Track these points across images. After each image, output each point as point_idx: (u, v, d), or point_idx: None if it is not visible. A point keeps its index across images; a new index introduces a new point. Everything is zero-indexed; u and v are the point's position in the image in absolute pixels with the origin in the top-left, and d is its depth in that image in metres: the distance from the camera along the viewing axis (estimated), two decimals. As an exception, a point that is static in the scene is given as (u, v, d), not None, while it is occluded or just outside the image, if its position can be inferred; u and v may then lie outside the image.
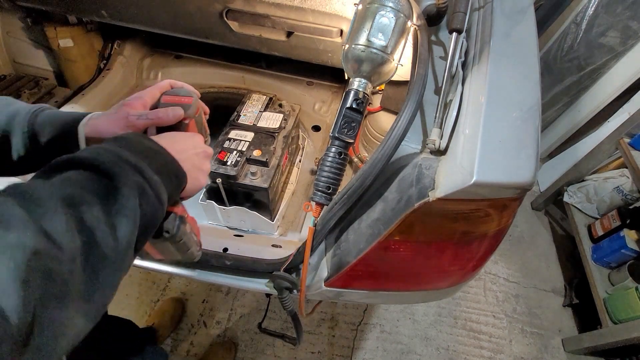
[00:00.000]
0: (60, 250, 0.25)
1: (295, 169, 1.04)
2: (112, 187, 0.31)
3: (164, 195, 0.37)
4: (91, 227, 0.28)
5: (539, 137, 0.49)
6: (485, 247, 0.58)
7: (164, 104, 0.48)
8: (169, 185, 0.38)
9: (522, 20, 0.63)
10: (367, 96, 0.56)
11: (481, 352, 1.36)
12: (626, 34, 1.44)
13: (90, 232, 0.28)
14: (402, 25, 0.54)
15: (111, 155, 0.33)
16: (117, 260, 0.30)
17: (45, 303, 0.23)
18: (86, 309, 0.27)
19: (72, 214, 0.27)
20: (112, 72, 1.17)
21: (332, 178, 0.56)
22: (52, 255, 0.24)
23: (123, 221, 0.30)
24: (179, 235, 0.44)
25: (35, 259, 0.23)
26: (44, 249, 0.24)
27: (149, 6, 0.89)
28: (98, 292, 0.28)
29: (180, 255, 0.50)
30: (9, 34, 1.07)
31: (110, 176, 0.31)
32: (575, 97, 1.69)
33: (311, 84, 1.26)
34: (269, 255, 0.66)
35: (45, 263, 0.24)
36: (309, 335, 1.32)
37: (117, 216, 0.30)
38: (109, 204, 0.30)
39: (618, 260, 1.35)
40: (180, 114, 0.46)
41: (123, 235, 0.30)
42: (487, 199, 0.49)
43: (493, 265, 1.61)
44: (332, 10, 0.80)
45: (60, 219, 0.26)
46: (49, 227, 0.25)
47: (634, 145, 1.33)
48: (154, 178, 0.35)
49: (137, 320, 1.28)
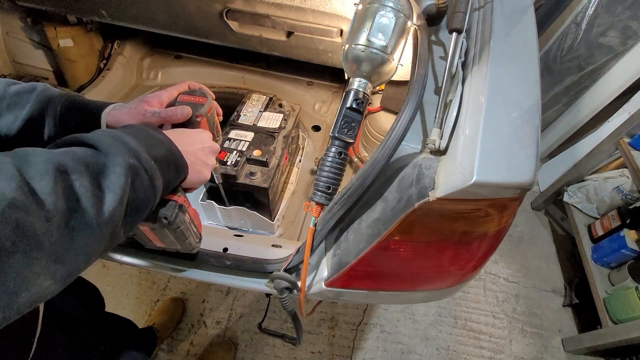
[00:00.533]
0: (41, 208, 0.27)
1: (295, 169, 1.04)
2: (106, 164, 0.33)
3: (158, 181, 0.39)
4: (77, 194, 0.30)
5: (539, 137, 0.49)
6: (485, 247, 0.57)
7: (180, 103, 0.52)
8: (166, 173, 0.41)
9: (522, 20, 0.63)
10: (367, 96, 0.56)
11: (481, 352, 1.36)
12: (626, 34, 1.44)
13: (76, 199, 0.30)
14: (402, 25, 0.54)
15: (113, 138, 0.36)
16: (96, 230, 0.31)
17: (12, 252, 0.25)
18: (55, 269, 0.29)
19: (62, 179, 0.29)
20: (112, 72, 1.17)
21: (332, 178, 0.56)
22: (30, 211, 0.26)
23: (110, 196, 0.32)
24: (176, 223, 0.47)
25: (10, 209, 0.25)
26: (22, 203, 0.26)
27: (149, 6, 0.89)
28: (71, 257, 0.30)
29: (179, 244, 0.53)
30: (9, 33, 1.07)
31: (107, 155, 0.34)
32: (575, 97, 1.69)
33: (311, 84, 1.26)
34: (269, 255, 0.66)
35: (20, 216, 0.25)
36: (309, 335, 1.32)
37: (105, 191, 0.32)
38: (99, 179, 0.32)
39: (618, 260, 1.35)
40: (187, 113, 0.50)
41: (107, 208, 0.32)
42: (487, 199, 0.48)
43: (493, 265, 1.61)
44: (332, 10, 0.80)
45: (48, 181, 0.28)
46: (35, 186, 0.27)
47: (634, 145, 1.33)
48: (149, 163, 0.38)
49: (137, 320, 1.28)
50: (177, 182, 0.46)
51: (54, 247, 0.28)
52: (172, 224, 0.46)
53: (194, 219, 0.53)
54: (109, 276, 1.41)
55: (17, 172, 0.27)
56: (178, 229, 0.48)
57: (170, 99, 0.53)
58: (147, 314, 1.33)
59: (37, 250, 0.27)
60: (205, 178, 0.50)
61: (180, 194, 0.48)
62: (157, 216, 0.45)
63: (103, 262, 1.44)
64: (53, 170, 0.29)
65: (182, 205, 0.48)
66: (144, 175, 0.37)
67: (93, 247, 0.32)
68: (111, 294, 1.37)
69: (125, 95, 1.19)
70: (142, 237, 0.51)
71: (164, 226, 0.47)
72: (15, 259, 0.25)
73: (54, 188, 0.28)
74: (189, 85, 0.56)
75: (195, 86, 0.56)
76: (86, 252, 0.31)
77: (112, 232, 0.34)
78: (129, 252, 0.67)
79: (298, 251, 0.61)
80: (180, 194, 0.48)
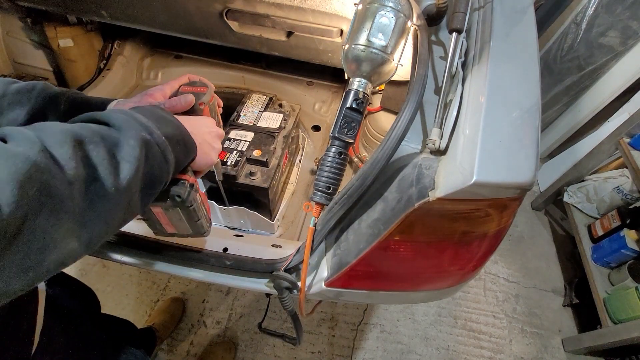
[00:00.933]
0: (61, 171, 0.28)
1: (295, 169, 1.04)
2: (119, 138, 0.35)
3: (170, 155, 0.41)
4: (95, 163, 0.31)
5: (539, 137, 0.49)
6: (485, 247, 0.57)
7: (182, 93, 0.54)
8: (176, 148, 0.42)
9: (522, 20, 0.63)
10: (367, 96, 0.56)
11: (481, 352, 1.36)
12: (626, 34, 1.44)
13: (93, 167, 0.31)
14: (402, 25, 0.54)
15: (125, 115, 0.38)
16: (115, 198, 0.33)
17: (38, 212, 0.26)
18: (79, 233, 0.30)
19: (79, 148, 0.31)
20: (112, 72, 1.17)
21: (332, 178, 0.56)
22: (53, 173, 0.27)
23: (126, 166, 0.34)
24: (189, 201, 0.48)
25: (35, 171, 0.26)
26: (46, 166, 0.27)
27: (149, 6, 0.89)
28: (93, 222, 0.31)
29: (191, 226, 0.53)
30: (9, 34, 1.07)
31: (120, 130, 0.35)
32: (575, 97, 1.69)
33: (311, 84, 1.26)
34: (269, 255, 0.66)
35: (45, 178, 0.27)
36: (309, 335, 1.32)
37: (121, 161, 0.34)
38: (114, 150, 0.34)
39: (618, 260, 1.35)
40: (191, 100, 0.52)
41: (124, 177, 0.33)
42: (487, 199, 0.48)
43: (493, 265, 1.61)
44: (332, 10, 0.80)
45: (67, 149, 0.29)
46: (55, 152, 0.28)
47: (633, 145, 1.33)
48: (161, 138, 0.39)
49: (137, 320, 1.28)
50: (187, 162, 0.47)
51: (77, 211, 0.30)
52: (185, 202, 0.47)
53: (204, 203, 0.54)
54: (109, 276, 1.41)
55: (38, 139, 0.28)
56: (191, 207, 0.49)
57: (172, 91, 0.55)
58: (147, 314, 1.33)
59: (62, 212, 0.28)
60: (213, 161, 0.52)
61: (191, 174, 0.49)
62: (170, 194, 0.46)
63: (103, 262, 1.44)
64: (71, 140, 0.30)
65: (194, 184, 0.49)
66: (156, 149, 0.38)
67: (112, 214, 0.33)
68: (111, 294, 1.37)
69: (125, 95, 1.20)
70: (154, 221, 0.52)
71: (176, 204, 0.47)
72: (42, 218, 0.26)
73: (72, 156, 0.29)
74: (189, 77, 0.58)
75: (195, 78, 0.58)
76: (107, 218, 0.33)
77: (130, 201, 0.35)
78: (129, 252, 0.67)
79: (298, 251, 0.61)
80: (190, 174, 0.49)
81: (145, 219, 0.53)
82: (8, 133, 0.28)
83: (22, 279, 0.27)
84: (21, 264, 0.26)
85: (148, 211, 0.50)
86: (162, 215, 0.50)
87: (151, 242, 0.65)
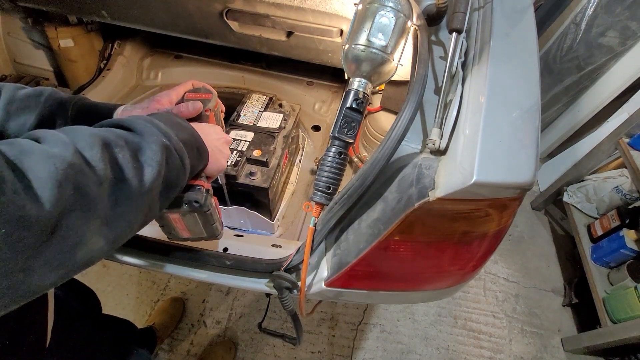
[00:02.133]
0: (93, 172, 0.30)
1: (295, 169, 1.04)
2: (142, 142, 0.36)
3: (187, 160, 0.42)
4: (121, 165, 0.33)
5: (538, 137, 0.49)
6: (485, 247, 0.58)
7: (187, 100, 0.55)
8: (191, 154, 0.44)
9: (522, 20, 0.63)
10: (367, 96, 0.56)
11: (481, 351, 1.36)
12: (625, 34, 1.44)
13: (120, 169, 0.33)
14: (402, 25, 0.54)
15: (146, 121, 0.40)
16: (138, 199, 0.34)
17: (73, 210, 0.28)
18: (106, 232, 0.32)
19: (107, 150, 0.32)
20: (112, 72, 1.17)
21: (332, 178, 0.56)
22: (86, 173, 0.29)
23: (148, 169, 0.35)
24: (206, 206, 0.50)
25: (71, 170, 0.28)
26: (79, 166, 0.29)
27: (149, 6, 0.89)
28: (117, 221, 0.33)
29: (205, 230, 0.56)
30: (10, 34, 1.07)
31: (142, 135, 0.37)
32: (574, 97, 1.69)
33: (311, 84, 1.26)
34: (269, 255, 0.66)
35: (78, 178, 0.28)
36: (309, 335, 1.32)
37: (144, 164, 0.35)
38: (137, 155, 0.35)
39: (617, 260, 1.35)
40: (199, 107, 0.54)
41: (147, 180, 0.35)
42: (487, 199, 0.49)
43: (493, 265, 1.61)
44: (332, 10, 0.80)
45: (96, 151, 0.31)
46: (86, 154, 0.30)
47: (633, 145, 1.33)
48: (179, 144, 0.41)
49: (137, 320, 1.28)
50: (200, 168, 0.49)
51: (104, 210, 0.31)
52: (203, 207, 0.49)
53: (217, 206, 0.57)
54: (109, 276, 1.41)
55: (70, 141, 0.30)
56: (207, 212, 0.51)
57: (178, 97, 0.57)
58: (147, 313, 1.33)
59: (92, 211, 0.30)
60: (223, 167, 0.54)
61: (205, 180, 0.51)
62: (188, 200, 0.48)
63: (103, 262, 1.44)
64: (100, 143, 0.31)
65: (209, 189, 0.51)
66: (175, 154, 0.40)
67: (135, 215, 0.35)
68: (111, 294, 1.37)
69: (125, 95, 1.19)
70: (170, 227, 0.54)
71: (194, 210, 0.49)
72: (75, 217, 0.28)
73: (102, 157, 0.31)
74: (193, 84, 0.60)
75: (198, 84, 0.60)
76: (130, 219, 0.34)
77: (150, 204, 0.37)
78: (129, 252, 0.67)
79: (298, 251, 0.61)
80: (204, 180, 0.51)
81: (162, 225, 0.54)
82: (42, 135, 0.29)
83: (55, 274, 0.28)
84: (56, 259, 0.27)
85: (165, 217, 0.52)
86: (179, 220, 0.53)
87: (151, 243, 0.65)
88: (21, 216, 0.24)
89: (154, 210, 0.39)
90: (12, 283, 0.25)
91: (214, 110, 0.58)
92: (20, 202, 0.24)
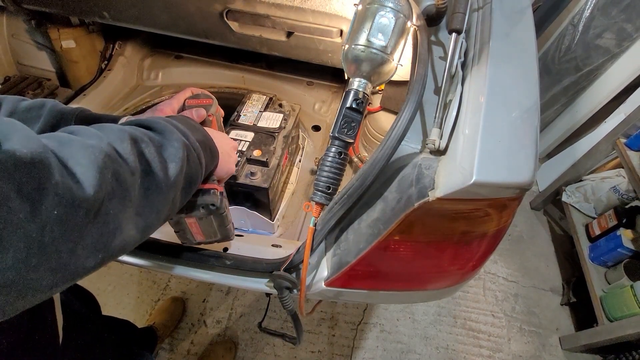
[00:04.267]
0: (125, 162, 0.32)
1: (295, 169, 1.04)
2: (164, 140, 0.38)
3: (203, 159, 0.44)
4: (149, 159, 0.35)
5: (538, 137, 0.50)
6: (485, 247, 0.58)
7: (189, 106, 0.56)
8: (206, 155, 0.46)
9: (521, 21, 0.63)
10: (367, 96, 0.56)
11: (480, 350, 1.37)
12: (621, 36, 1.45)
13: (147, 163, 0.35)
14: (401, 25, 0.55)
15: (165, 121, 0.41)
16: (164, 191, 0.36)
17: (112, 196, 0.29)
18: (137, 221, 0.34)
19: (135, 145, 0.34)
20: (113, 73, 1.17)
21: (332, 178, 0.56)
22: (120, 163, 0.31)
23: (172, 165, 0.37)
24: (222, 208, 0.52)
25: (108, 159, 0.30)
26: (114, 156, 0.31)
27: (149, 7, 0.89)
28: (147, 212, 0.35)
29: (220, 232, 0.58)
30: (14, 36, 1.08)
31: (162, 133, 0.39)
32: (573, 98, 1.70)
33: (311, 84, 1.26)
34: (269, 255, 0.66)
35: (115, 166, 0.30)
36: (309, 335, 1.33)
37: (167, 160, 0.37)
38: (162, 150, 0.37)
39: (614, 259, 1.36)
40: (203, 114, 0.55)
41: (172, 174, 0.37)
42: (486, 199, 0.49)
43: (492, 265, 1.62)
44: (332, 10, 0.80)
45: (126, 145, 0.33)
46: (118, 147, 0.32)
47: (629, 145, 1.34)
48: (195, 143, 0.43)
49: (137, 319, 1.29)
50: (211, 169, 0.51)
51: (137, 200, 0.33)
52: (220, 209, 0.51)
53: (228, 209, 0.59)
54: (109, 275, 1.41)
55: (103, 135, 0.31)
56: (223, 214, 0.53)
57: (180, 105, 0.58)
58: (148, 313, 1.33)
59: (128, 199, 0.31)
60: (232, 171, 0.56)
61: (215, 182, 0.53)
62: (204, 203, 0.50)
63: (103, 262, 1.43)
64: (129, 137, 0.33)
65: (223, 192, 0.53)
66: (193, 152, 0.42)
67: (162, 206, 0.37)
68: (112, 294, 1.37)
69: (126, 95, 1.19)
70: (186, 231, 0.56)
71: (210, 212, 0.51)
72: (114, 203, 0.29)
73: (131, 151, 0.33)
74: (192, 90, 0.61)
75: (197, 91, 0.61)
76: (158, 210, 0.36)
77: (174, 198, 0.39)
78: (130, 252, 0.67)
79: (298, 251, 0.61)
80: (216, 182, 0.53)
81: (177, 230, 0.56)
82: (76, 130, 0.31)
83: (94, 258, 0.29)
84: (96, 243, 0.29)
85: (182, 222, 0.54)
86: (194, 225, 0.54)
87: (152, 243, 0.65)
88: (71, 197, 0.25)
89: (177, 204, 0.41)
90: (59, 264, 0.26)
91: (216, 115, 0.59)
92: (68, 184, 0.25)
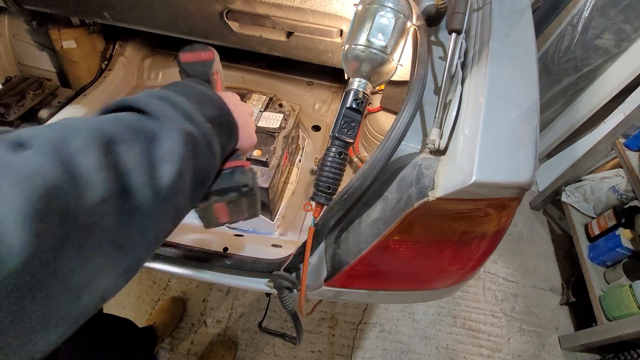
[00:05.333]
0: (89, 188, 0.22)
1: (295, 169, 1.04)
2: (158, 130, 0.28)
3: (216, 146, 0.34)
4: (129, 169, 0.25)
5: (537, 137, 0.50)
6: (485, 247, 0.58)
7: (185, 63, 0.45)
8: (222, 135, 0.36)
9: (521, 21, 0.63)
10: (367, 96, 0.56)
11: (480, 350, 1.37)
12: (620, 36, 1.45)
13: (127, 175, 0.25)
14: (401, 25, 0.55)
15: (163, 99, 0.31)
16: (153, 210, 0.26)
17: (62, 245, 0.20)
18: (117, 259, 0.24)
19: (109, 152, 0.24)
20: (114, 73, 1.17)
21: (332, 178, 0.56)
22: (77, 192, 0.21)
23: (166, 168, 0.27)
24: (255, 188, 0.43)
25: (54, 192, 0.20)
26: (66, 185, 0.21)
27: (150, 7, 0.89)
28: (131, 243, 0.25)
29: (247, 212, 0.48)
30: (15, 36, 1.08)
31: (158, 118, 0.29)
32: (572, 98, 1.71)
33: (311, 84, 1.26)
34: (269, 255, 0.66)
35: (66, 199, 0.20)
36: (309, 335, 1.33)
37: (160, 161, 0.27)
38: (153, 148, 0.27)
39: (613, 258, 1.36)
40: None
41: (165, 183, 0.26)
42: (486, 199, 0.49)
43: (492, 265, 1.62)
44: (332, 10, 0.80)
45: (94, 157, 0.23)
46: (79, 161, 0.22)
47: (628, 145, 1.35)
48: (205, 126, 0.32)
49: (137, 319, 1.28)
50: (230, 148, 0.40)
51: (111, 234, 0.24)
52: (253, 190, 0.42)
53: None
54: (108, 276, 1.41)
55: (60, 146, 0.22)
56: (255, 195, 0.43)
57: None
58: (148, 313, 1.33)
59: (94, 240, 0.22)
60: (254, 140, 0.45)
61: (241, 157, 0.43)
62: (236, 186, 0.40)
63: (102, 262, 1.43)
64: (99, 143, 0.24)
65: (251, 168, 0.43)
66: (202, 141, 0.31)
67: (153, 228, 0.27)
68: (111, 294, 1.37)
69: (126, 95, 1.19)
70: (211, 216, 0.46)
71: (243, 195, 0.41)
72: (69, 254, 0.21)
73: (101, 164, 0.23)
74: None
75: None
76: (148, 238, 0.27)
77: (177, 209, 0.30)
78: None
79: (298, 251, 0.61)
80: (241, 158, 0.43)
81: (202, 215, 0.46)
82: (26, 139, 0.22)
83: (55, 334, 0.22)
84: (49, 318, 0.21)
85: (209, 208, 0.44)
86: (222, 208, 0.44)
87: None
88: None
89: (184, 212, 0.32)
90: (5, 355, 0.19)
91: (220, 72, 0.47)
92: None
